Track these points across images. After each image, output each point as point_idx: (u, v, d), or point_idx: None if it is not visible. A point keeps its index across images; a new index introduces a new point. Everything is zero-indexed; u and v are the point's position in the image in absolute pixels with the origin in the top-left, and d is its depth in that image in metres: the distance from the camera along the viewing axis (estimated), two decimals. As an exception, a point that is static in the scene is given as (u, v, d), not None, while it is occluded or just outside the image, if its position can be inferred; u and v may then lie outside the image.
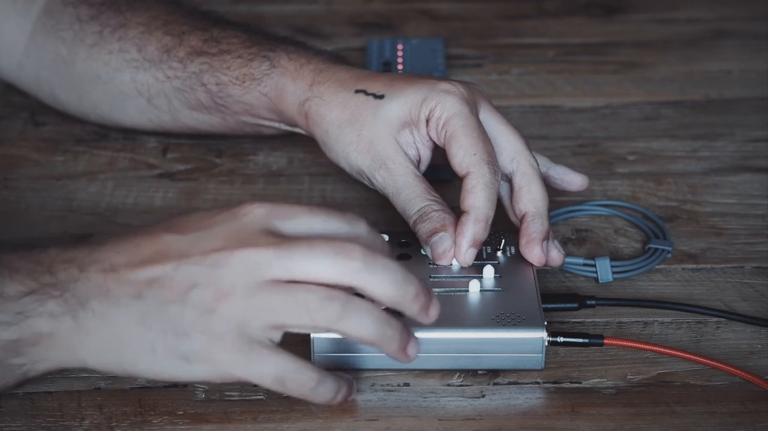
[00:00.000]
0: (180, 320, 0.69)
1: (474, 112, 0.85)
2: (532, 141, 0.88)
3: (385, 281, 0.70)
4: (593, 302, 0.85)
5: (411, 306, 0.71)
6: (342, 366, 0.79)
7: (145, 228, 0.72)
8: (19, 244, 0.92)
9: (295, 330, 0.70)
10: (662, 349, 0.80)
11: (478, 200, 0.82)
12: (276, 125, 0.97)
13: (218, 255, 0.69)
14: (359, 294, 0.70)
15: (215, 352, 0.69)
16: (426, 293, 0.71)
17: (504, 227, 0.87)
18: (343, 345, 0.78)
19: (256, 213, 0.70)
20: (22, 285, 0.70)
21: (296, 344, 0.82)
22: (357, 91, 0.88)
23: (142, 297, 0.69)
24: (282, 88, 0.93)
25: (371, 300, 0.70)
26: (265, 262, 0.69)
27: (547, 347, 0.78)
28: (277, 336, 0.70)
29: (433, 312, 0.72)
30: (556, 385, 0.79)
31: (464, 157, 0.83)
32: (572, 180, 0.91)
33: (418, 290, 0.71)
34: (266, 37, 0.97)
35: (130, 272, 0.70)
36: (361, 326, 0.70)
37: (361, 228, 0.72)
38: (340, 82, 0.90)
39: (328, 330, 0.70)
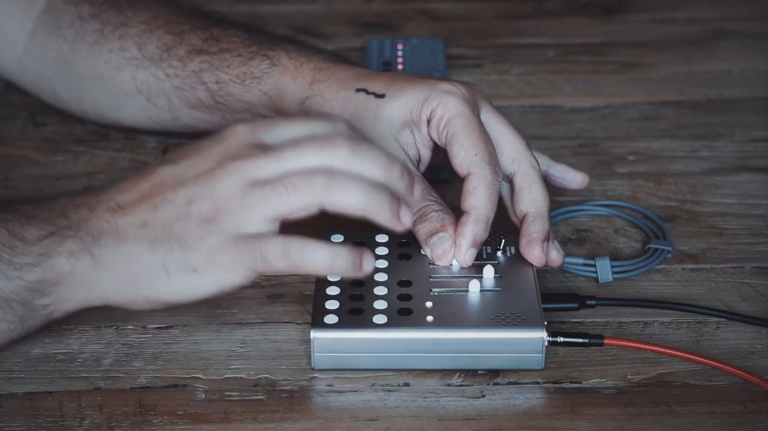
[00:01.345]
0: (184, 236, 0.73)
1: (475, 112, 0.85)
2: (532, 141, 0.88)
3: (372, 163, 0.73)
4: (593, 302, 0.85)
5: (399, 184, 0.74)
6: (342, 366, 0.79)
7: (144, 168, 0.77)
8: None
9: (292, 216, 0.73)
10: (662, 349, 0.80)
11: (479, 200, 0.82)
12: (276, 123, 0.97)
13: (211, 173, 0.73)
14: None
15: (221, 256, 0.73)
16: (410, 174, 0.75)
17: (504, 227, 0.87)
18: (344, 344, 0.78)
19: (240, 131, 0.75)
20: (40, 229, 0.75)
21: (297, 343, 0.83)
22: (358, 90, 0.88)
23: (148, 225, 0.74)
24: (282, 87, 0.93)
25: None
26: (256, 167, 0.73)
27: (547, 347, 0.78)
28: (275, 227, 0.74)
29: (417, 191, 0.76)
30: (556, 385, 0.79)
31: (465, 157, 0.83)
32: (573, 178, 0.91)
33: (402, 170, 0.74)
34: (266, 36, 0.97)
35: (135, 206, 0.74)
36: (350, 194, 0.72)
37: (340, 126, 0.75)
38: (340, 81, 0.90)
39: (320, 206, 0.73)
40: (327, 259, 0.74)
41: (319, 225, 0.94)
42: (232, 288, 0.74)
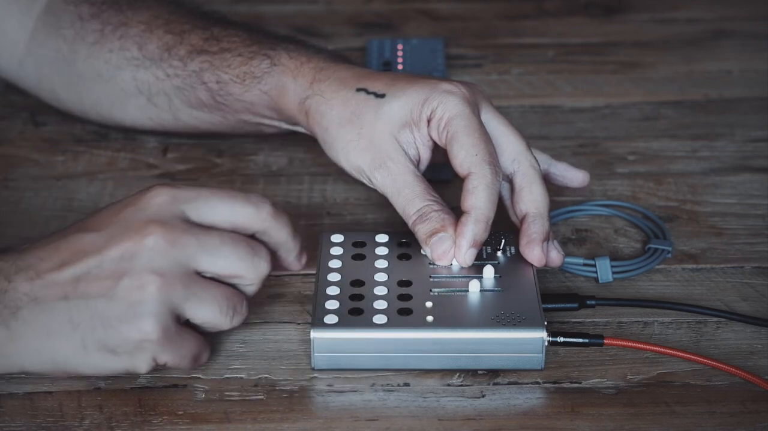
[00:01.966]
0: (107, 315, 0.72)
1: (476, 112, 0.85)
2: (532, 141, 0.88)
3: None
4: (593, 302, 0.85)
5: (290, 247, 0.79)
6: (342, 366, 0.79)
7: (62, 231, 0.76)
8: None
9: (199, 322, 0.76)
10: (662, 349, 0.80)
11: (479, 200, 0.82)
12: (276, 123, 0.97)
13: (133, 244, 0.73)
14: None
15: (143, 341, 0.73)
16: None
17: (504, 227, 0.87)
18: (344, 344, 0.78)
19: (161, 199, 0.75)
20: None
21: (297, 343, 0.82)
22: (358, 90, 0.88)
23: (69, 298, 0.73)
24: (282, 86, 0.93)
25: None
26: (184, 250, 0.73)
27: (547, 347, 0.78)
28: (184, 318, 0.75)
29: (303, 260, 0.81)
30: (556, 385, 0.79)
31: (466, 157, 0.83)
32: (573, 177, 0.91)
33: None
34: (267, 36, 0.97)
35: (54, 274, 0.73)
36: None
37: (265, 211, 0.77)
38: (340, 81, 0.90)
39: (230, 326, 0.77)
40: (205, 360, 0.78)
41: (320, 226, 0.94)
42: (146, 370, 0.74)
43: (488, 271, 0.83)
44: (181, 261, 0.73)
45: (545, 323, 0.78)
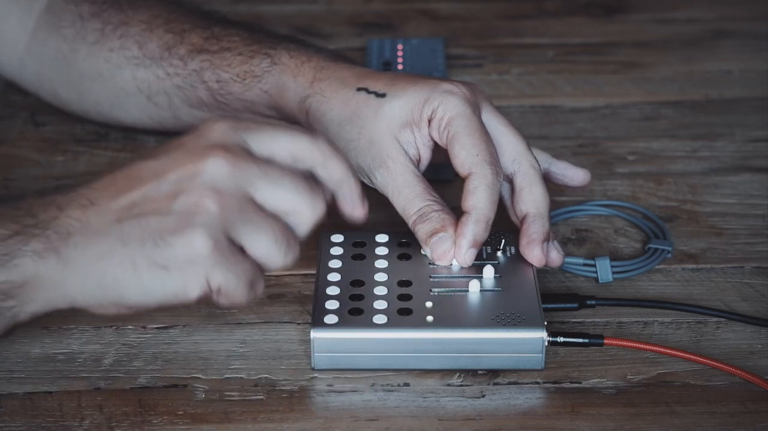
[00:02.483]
0: (159, 229, 0.70)
1: (476, 113, 0.85)
2: (532, 141, 0.88)
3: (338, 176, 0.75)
4: (593, 302, 0.85)
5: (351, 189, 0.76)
6: (342, 366, 0.79)
7: (121, 164, 0.74)
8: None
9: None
10: (662, 349, 0.80)
11: (479, 200, 0.82)
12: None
13: (194, 163, 0.71)
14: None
15: (195, 255, 0.70)
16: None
17: (504, 227, 0.87)
18: (344, 344, 0.78)
19: (220, 126, 0.73)
20: (4, 229, 0.72)
21: (297, 343, 0.82)
22: (358, 90, 0.88)
23: (122, 220, 0.71)
24: (283, 86, 0.93)
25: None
26: (243, 168, 0.71)
27: (547, 347, 0.78)
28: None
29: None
30: (556, 385, 0.79)
31: (467, 157, 0.83)
32: (574, 175, 0.91)
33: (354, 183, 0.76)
34: (267, 35, 0.97)
35: (110, 201, 0.71)
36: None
37: (322, 143, 0.75)
38: (341, 80, 0.90)
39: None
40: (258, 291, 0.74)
41: (320, 226, 0.94)
42: (188, 299, 0.71)
43: (488, 271, 0.83)
44: (242, 186, 0.71)
45: (545, 323, 0.78)
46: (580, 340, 0.80)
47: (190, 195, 0.70)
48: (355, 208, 0.76)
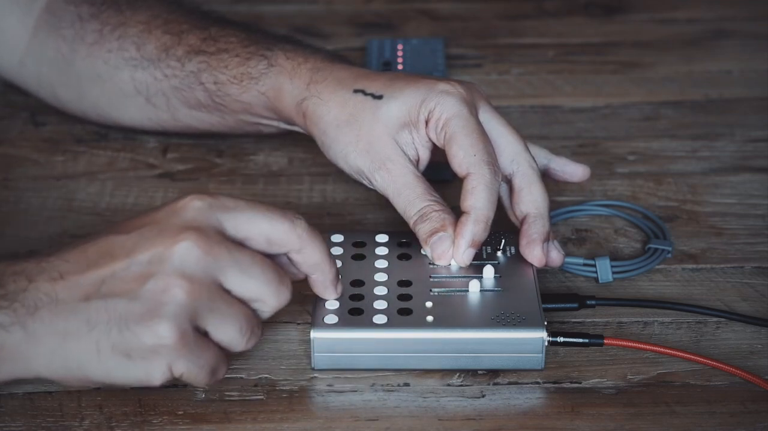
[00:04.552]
0: (125, 315, 0.69)
1: (474, 113, 0.85)
2: (532, 141, 0.88)
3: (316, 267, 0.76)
4: (593, 302, 0.85)
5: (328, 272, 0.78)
6: (342, 366, 0.79)
7: (91, 235, 0.73)
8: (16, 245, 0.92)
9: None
10: (662, 349, 0.80)
11: (478, 200, 0.82)
12: (275, 123, 0.97)
13: (166, 246, 0.70)
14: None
15: (159, 346, 0.69)
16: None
17: (504, 227, 0.87)
18: (344, 344, 0.78)
19: (196, 206, 0.72)
20: None
21: (297, 343, 0.82)
22: (355, 91, 0.88)
23: (90, 300, 0.70)
24: (279, 87, 0.92)
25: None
26: (216, 262, 0.70)
27: (547, 347, 0.78)
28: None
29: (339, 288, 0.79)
30: (556, 385, 0.79)
31: (465, 158, 0.83)
32: (574, 171, 0.91)
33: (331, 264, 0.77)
34: (264, 36, 0.97)
35: (79, 276, 0.70)
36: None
37: (300, 227, 0.74)
38: (338, 82, 0.89)
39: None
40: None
41: (320, 226, 0.94)
42: (151, 385, 0.70)
43: (488, 271, 0.83)
44: (211, 273, 0.70)
45: (545, 323, 0.78)
46: (580, 340, 0.80)
47: (159, 281, 0.69)
48: (327, 292, 0.78)
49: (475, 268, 0.83)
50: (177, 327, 0.69)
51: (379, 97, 0.87)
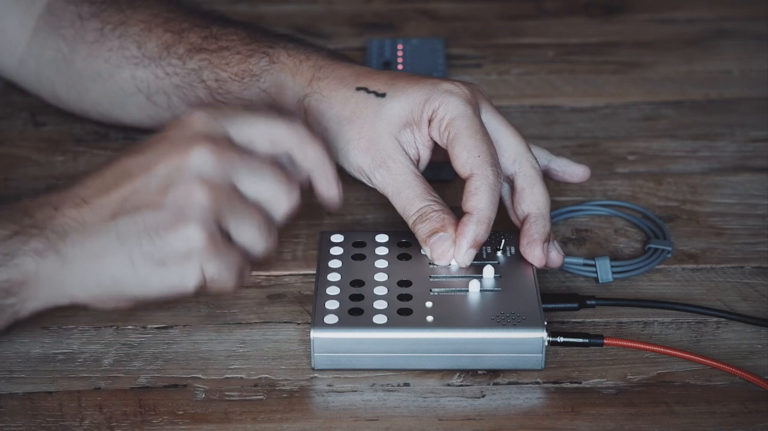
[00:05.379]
0: (154, 225, 0.73)
1: (477, 113, 0.85)
2: (532, 141, 0.88)
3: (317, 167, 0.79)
4: (593, 302, 0.85)
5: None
6: (342, 366, 0.79)
7: (108, 162, 0.76)
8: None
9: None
10: (662, 349, 0.80)
11: (481, 201, 0.82)
12: (276, 121, 0.97)
13: (180, 154, 0.73)
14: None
15: (190, 248, 0.73)
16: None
17: (504, 227, 0.87)
18: (344, 344, 0.78)
19: (201, 116, 0.76)
20: (4, 229, 0.74)
21: (297, 343, 0.82)
22: (358, 89, 0.88)
23: (117, 217, 0.73)
24: (281, 84, 0.92)
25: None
26: (230, 165, 0.74)
27: (547, 347, 0.78)
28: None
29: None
30: (556, 385, 0.79)
31: (468, 158, 0.83)
32: (574, 172, 0.91)
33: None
34: (265, 34, 0.97)
35: (102, 198, 0.74)
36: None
37: (299, 125, 0.78)
38: (340, 79, 0.89)
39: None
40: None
41: (320, 226, 0.94)
42: (186, 291, 0.74)
43: (488, 271, 0.83)
44: (227, 176, 0.74)
45: (545, 323, 0.78)
46: (580, 340, 0.80)
47: (180, 188, 0.73)
48: (330, 189, 0.81)
49: (475, 268, 0.83)
50: (205, 229, 0.73)
51: (382, 95, 0.87)
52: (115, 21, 0.99)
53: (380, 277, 0.83)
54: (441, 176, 0.94)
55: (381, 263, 0.84)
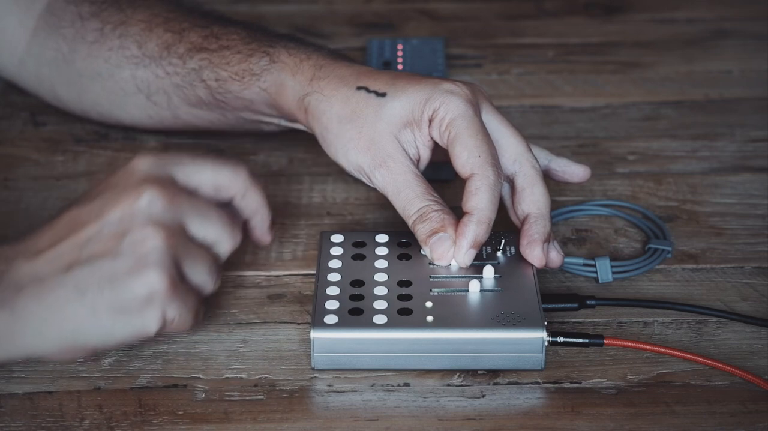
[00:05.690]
0: (114, 272, 0.72)
1: (477, 113, 0.85)
2: (532, 141, 0.88)
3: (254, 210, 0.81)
4: (593, 302, 0.85)
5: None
6: (342, 366, 0.79)
7: (55, 216, 0.75)
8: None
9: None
10: (662, 349, 0.80)
11: (481, 201, 0.82)
12: (276, 120, 0.97)
13: (130, 199, 0.73)
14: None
15: (152, 293, 0.72)
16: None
17: (504, 227, 0.87)
18: (344, 344, 0.78)
19: (146, 162, 0.76)
20: None
21: (297, 343, 0.82)
22: (358, 88, 0.88)
23: (73, 268, 0.72)
24: (281, 84, 0.92)
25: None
26: (180, 208, 0.74)
27: (547, 347, 0.78)
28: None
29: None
30: (556, 385, 0.79)
31: (468, 158, 0.83)
32: (574, 172, 0.91)
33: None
34: (266, 34, 0.97)
35: (55, 249, 0.73)
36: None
37: (243, 173, 0.79)
38: (340, 79, 0.89)
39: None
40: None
41: (320, 226, 0.94)
42: (148, 335, 0.74)
43: (488, 271, 0.83)
44: (178, 218, 0.74)
45: (545, 323, 0.78)
46: (580, 340, 0.80)
47: (135, 232, 0.73)
48: (263, 236, 0.83)
49: (475, 268, 0.83)
50: (166, 272, 0.73)
51: (383, 95, 0.87)
52: (115, 21, 0.99)
53: (380, 277, 0.83)
54: (441, 176, 0.94)
55: (381, 263, 0.84)
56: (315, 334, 0.78)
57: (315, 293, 0.81)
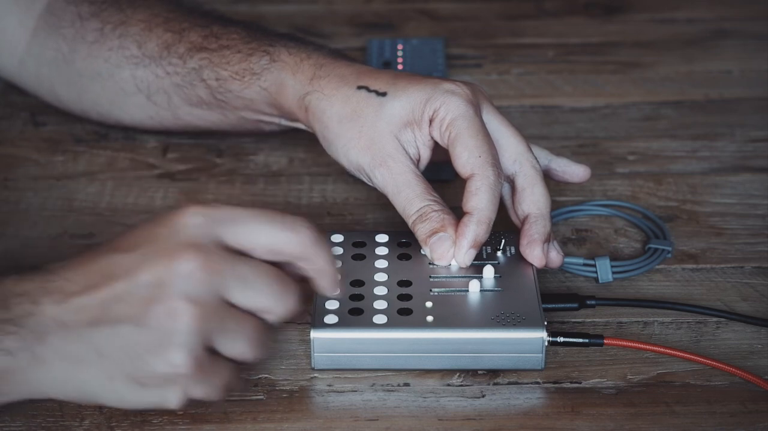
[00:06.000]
0: (136, 345, 0.69)
1: (478, 113, 0.85)
2: (532, 141, 0.88)
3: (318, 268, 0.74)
4: (593, 302, 0.85)
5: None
6: (342, 366, 0.79)
7: (93, 251, 0.71)
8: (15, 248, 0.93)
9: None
10: (662, 349, 0.80)
11: (481, 201, 0.82)
12: (276, 120, 0.97)
13: (166, 269, 0.68)
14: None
15: (174, 374, 0.69)
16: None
17: (504, 227, 0.87)
18: (344, 344, 0.78)
19: (196, 221, 0.70)
20: None
21: (297, 343, 0.82)
22: (359, 88, 0.88)
23: (97, 324, 0.69)
24: (282, 83, 0.92)
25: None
26: (219, 279, 0.69)
27: (547, 347, 0.78)
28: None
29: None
30: (556, 385, 0.79)
31: (469, 159, 0.83)
32: (574, 172, 0.91)
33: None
34: (266, 33, 0.97)
35: (83, 298, 0.69)
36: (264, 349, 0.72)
37: (305, 237, 0.72)
38: (341, 78, 0.90)
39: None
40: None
41: (320, 226, 0.94)
42: (168, 409, 0.71)
43: (488, 271, 0.83)
44: (215, 290, 0.69)
45: (545, 323, 0.78)
46: (580, 340, 0.80)
47: (164, 305, 0.68)
48: (327, 293, 0.75)
49: (475, 268, 0.83)
50: (190, 354, 0.68)
51: (383, 94, 0.87)
52: (115, 21, 0.99)
53: (380, 277, 0.83)
54: (441, 176, 0.94)
55: (381, 263, 0.84)
56: (315, 334, 0.78)
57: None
